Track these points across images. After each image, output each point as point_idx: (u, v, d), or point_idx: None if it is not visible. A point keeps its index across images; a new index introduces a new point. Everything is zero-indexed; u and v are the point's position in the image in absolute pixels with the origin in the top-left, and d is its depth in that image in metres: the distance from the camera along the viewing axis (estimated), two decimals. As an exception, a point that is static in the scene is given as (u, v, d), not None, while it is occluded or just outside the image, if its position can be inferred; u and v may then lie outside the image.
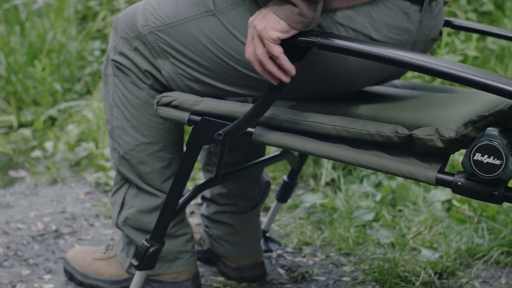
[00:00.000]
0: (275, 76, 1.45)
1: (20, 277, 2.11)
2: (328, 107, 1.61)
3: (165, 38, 1.72)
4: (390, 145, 1.45)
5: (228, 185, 2.06)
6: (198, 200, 2.64)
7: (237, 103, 1.62)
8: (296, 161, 2.11)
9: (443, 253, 2.19)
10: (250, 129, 1.57)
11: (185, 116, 1.65)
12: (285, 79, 1.44)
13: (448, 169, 2.54)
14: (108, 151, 2.94)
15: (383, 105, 1.68)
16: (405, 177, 1.41)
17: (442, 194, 2.48)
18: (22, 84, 3.53)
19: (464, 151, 1.36)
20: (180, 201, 1.76)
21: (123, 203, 1.93)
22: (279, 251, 2.28)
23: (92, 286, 2.04)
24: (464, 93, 1.74)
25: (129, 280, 1.99)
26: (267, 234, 2.30)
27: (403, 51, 1.36)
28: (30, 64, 3.64)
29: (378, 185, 2.61)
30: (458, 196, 2.45)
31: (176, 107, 1.67)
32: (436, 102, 1.67)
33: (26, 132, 3.27)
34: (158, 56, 1.75)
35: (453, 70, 1.29)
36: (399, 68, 1.69)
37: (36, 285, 2.06)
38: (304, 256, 2.25)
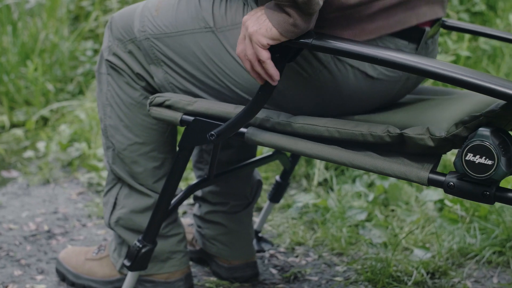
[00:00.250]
0: (262, 77, 1.46)
1: (12, 278, 2.10)
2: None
3: (161, 47, 1.71)
4: (382, 146, 1.46)
5: (220, 183, 2.05)
6: (191, 200, 2.64)
7: (231, 105, 1.62)
8: (289, 161, 2.11)
9: (435, 253, 2.20)
10: (243, 130, 1.57)
11: (178, 116, 1.65)
12: (272, 83, 1.45)
13: (440, 169, 2.55)
14: (101, 152, 2.94)
15: (375, 109, 1.69)
16: (397, 177, 1.42)
17: (435, 194, 2.48)
18: (14, 84, 3.52)
19: (456, 151, 1.36)
20: (173, 202, 1.76)
21: (115, 203, 1.93)
22: (272, 251, 2.28)
23: (84, 287, 2.04)
24: (458, 94, 1.75)
25: (122, 281, 1.99)
26: (260, 234, 2.30)
27: (394, 52, 1.36)
28: (22, 64, 3.63)
29: (371, 185, 2.61)
30: (450, 196, 2.45)
31: (169, 107, 1.67)
32: (429, 104, 1.67)
33: (18, 132, 3.27)
34: (152, 63, 1.75)
35: (444, 71, 1.30)
36: (397, 96, 1.70)
37: (28, 286, 2.06)
38: (297, 256, 2.25)
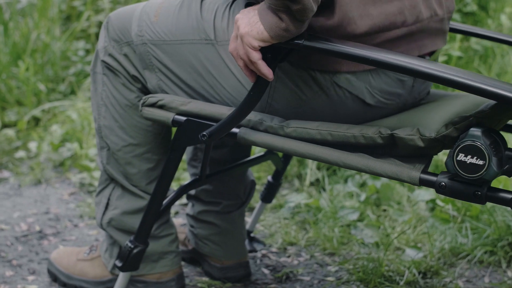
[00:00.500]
0: (254, 76, 1.46)
1: (4, 278, 2.10)
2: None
3: (158, 53, 1.70)
4: (374, 149, 1.46)
5: (213, 182, 2.05)
6: (183, 201, 2.63)
7: (225, 107, 1.62)
8: (281, 162, 2.11)
9: (427, 253, 2.20)
10: (235, 130, 1.57)
11: (170, 116, 1.65)
12: (268, 78, 1.45)
13: (432, 169, 2.55)
14: (92, 152, 2.93)
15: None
16: (389, 177, 1.42)
17: (426, 194, 2.49)
18: (6, 84, 3.51)
19: (448, 151, 1.37)
20: (164, 202, 1.76)
21: (108, 204, 1.93)
22: (264, 251, 2.28)
23: (76, 287, 2.03)
24: (448, 97, 1.75)
25: (113, 281, 1.99)
26: (252, 234, 2.30)
27: (385, 52, 1.36)
28: (14, 64, 3.62)
29: (363, 185, 2.61)
30: (442, 196, 2.46)
31: (162, 107, 1.67)
32: (420, 107, 1.67)
33: (10, 133, 3.25)
34: (146, 68, 1.74)
35: (435, 71, 1.30)
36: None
37: (20, 286, 2.05)
38: (289, 256, 2.25)
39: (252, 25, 1.41)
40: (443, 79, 1.29)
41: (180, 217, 2.54)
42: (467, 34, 1.91)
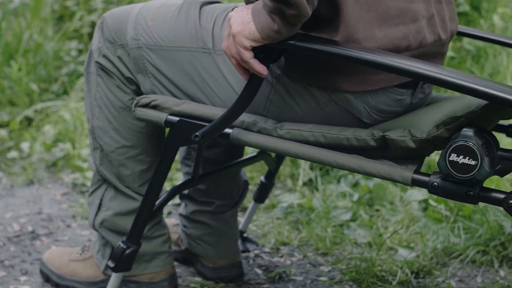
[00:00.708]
0: (247, 74, 1.47)
1: (-4, 279, 2.10)
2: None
3: (153, 58, 1.69)
4: (367, 152, 1.47)
5: (206, 182, 2.05)
6: (176, 201, 2.63)
7: (219, 108, 1.62)
8: (273, 162, 2.11)
9: (420, 253, 2.21)
10: (228, 130, 1.57)
11: (163, 117, 1.65)
12: (262, 75, 1.44)
13: (425, 170, 2.55)
14: (85, 152, 2.93)
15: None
16: (382, 178, 1.42)
17: (419, 194, 2.49)
18: (-2, 84, 3.50)
19: (441, 152, 1.37)
20: (157, 203, 1.76)
21: (100, 205, 1.92)
22: (257, 251, 2.28)
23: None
24: (446, 98, 1.75)
25: (106, 281, 1.99)
26: (245, 235, 2.30)
27: (376, 53, 1.36)
28: (6, 64, 3.61)
29: (355, 185, 2.62)
30: (435, 196, 2.46)
31: (155, 107, 1.66)
32: (416, 110, 1.67)
33: (2, 133, 3.25)
34: (140, 72, 1.73)
35: (426, 71, 1.30)
36: None
37: (12, 287, 2.05)
38: (282, 256, 2.25)
39: (245, 25, 1.41)
40: (435, 79, 1.29)
41: (173, 217, 2.54)
42: (460, 35, 1.91)
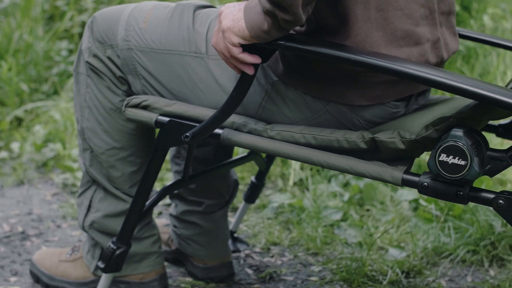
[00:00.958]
0: (239, 68, 1.46)
1: (-14, 280, 2.09)
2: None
3: (144, 60, 1.69)
4: (357, 154, 1.47)
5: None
6: (166, 201, 2.63)
7: (209, 108, 1.62)
8: (264, 162, 2.11)
9: (410, 252, 2.21)
10: (219, 131, 1.57)
11: (153, 117, 1.65)
12: (249, 72, 1.44)
13: (415, 170, 2.56)
14: (75, 152, 2.92)
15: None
16: (372, 178, 1.43)
17: (409, 194, 2.49)
18: (-12, 85, 3.49)
19: (431, 152, 1.37)
20: (147, 203, 1.75)
21: (90, 206, 1.92)
22: (247, 251, 2.28)
23: (59, 288, 2.03)
24: (437, 101, 1.75)
25: (96, 282, 1.98)
26: (235, 235, 2.30)
27: (367, 54, 1.37)
28: (-4, 64, 3.60)
29: (346, 185, 2.62)
30: (425, 196, 2.46)
31: (146, 108, 1.66)
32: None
33: (-8, 133, 3.24)
34: (130, 73, 1.73)
35: (416, 71, 1.30)
36: None
37: (2, 288, 2.04)
38: (272, 256, 2.25)
39: (235, 21, 1.41)
40: (424, 79, 1.29)
41: (164, 217, 2.54)
42: (450, 35, 1.91)
